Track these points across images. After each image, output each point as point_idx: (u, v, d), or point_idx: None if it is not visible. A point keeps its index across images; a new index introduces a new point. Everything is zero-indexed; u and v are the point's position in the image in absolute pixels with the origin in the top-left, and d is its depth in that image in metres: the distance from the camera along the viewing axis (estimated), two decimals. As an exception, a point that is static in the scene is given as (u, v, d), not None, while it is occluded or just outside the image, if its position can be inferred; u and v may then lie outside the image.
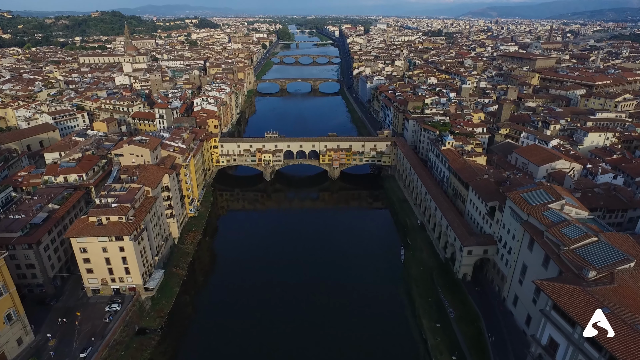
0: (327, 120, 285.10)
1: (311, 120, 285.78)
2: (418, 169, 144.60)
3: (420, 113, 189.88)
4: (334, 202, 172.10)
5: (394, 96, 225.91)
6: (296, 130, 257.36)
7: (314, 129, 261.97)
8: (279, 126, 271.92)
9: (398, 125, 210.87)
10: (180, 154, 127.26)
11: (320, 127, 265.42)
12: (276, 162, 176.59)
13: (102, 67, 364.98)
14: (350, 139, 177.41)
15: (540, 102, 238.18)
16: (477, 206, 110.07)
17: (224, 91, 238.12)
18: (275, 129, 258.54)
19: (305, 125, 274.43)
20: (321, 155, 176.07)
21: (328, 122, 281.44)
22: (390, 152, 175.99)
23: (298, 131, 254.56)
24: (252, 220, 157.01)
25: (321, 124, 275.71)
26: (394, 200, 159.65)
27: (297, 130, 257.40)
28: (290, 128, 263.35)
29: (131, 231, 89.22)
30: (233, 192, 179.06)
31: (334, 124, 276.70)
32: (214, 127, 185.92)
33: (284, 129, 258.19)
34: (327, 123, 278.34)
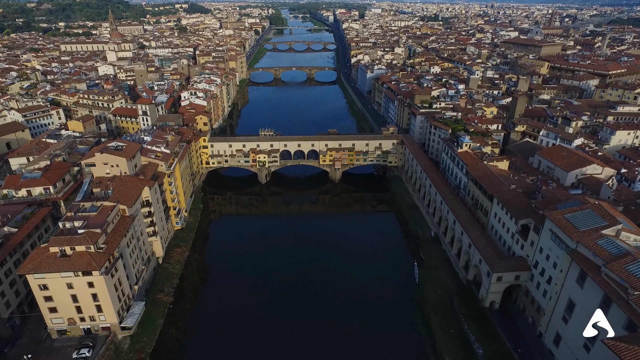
0: (324, 114, 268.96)
1: (308, 113, 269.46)
2: (431, 174, 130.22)
3: (428, 108, 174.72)
4: (336, 207, 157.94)
5: (397, 88, 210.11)
6: (292, 124, 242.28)
7: (311, 123, 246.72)
8: (274, 119, 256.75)
9: (403, 120, 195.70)
10: (163, 161, 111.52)
11: (318, 121, 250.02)
12: (272, 163, 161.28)
13: (84, 56, 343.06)
14: (353, 137, 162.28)
15: (553, 93, 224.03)
16: (504, 222, 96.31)
17: (214, 83, 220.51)
18: (269, 123, 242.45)
19: (302, 118, 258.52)
20: (321, 156, 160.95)
21: (326, 115, 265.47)
22: (397, 151, 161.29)
23: (294, 126, 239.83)
24: (246, 227, 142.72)
25: (319, 117, 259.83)
26: (402, 206, 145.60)
27: (293, 124, 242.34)
28: (286, 122, 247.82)
29: (102, 263, 74.34)
30: (225, 196, 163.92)
31: (332, 117, 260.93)
32: (203, 124, 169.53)
33: (279, 124, 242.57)
34: (325, 116, 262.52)
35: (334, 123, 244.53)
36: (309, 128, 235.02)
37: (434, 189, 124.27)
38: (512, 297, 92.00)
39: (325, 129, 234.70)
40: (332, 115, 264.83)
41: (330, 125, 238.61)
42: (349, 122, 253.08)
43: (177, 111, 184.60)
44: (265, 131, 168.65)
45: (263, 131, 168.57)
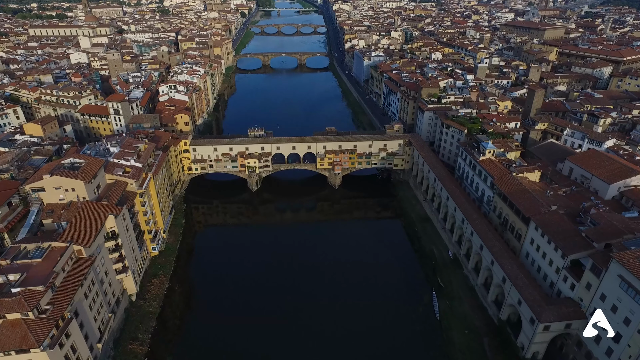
0: (318, 105, 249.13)
1: (300, 105, 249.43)
2: (448, 185, 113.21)
3: (437, 102, 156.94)
4: (335, 215, 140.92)
5: (399, 78, 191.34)
6: (283, 118, 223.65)
7: (305, 116, 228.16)
8: (263, 112, 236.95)
9: (407, 114, 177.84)
10: (133, 178, 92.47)
11: (311, 114, 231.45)
12: (263, 168, 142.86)
13: (55, 42, 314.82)
14: (354, 138, 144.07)
15: (565, 82, 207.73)
16: (545, 252, 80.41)
17: (196, 74, 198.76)
18: (259, 118, 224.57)
19: (294, 110, 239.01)
20: (319, 159, 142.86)
21: (320, 106, 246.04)
22: (404, 153, 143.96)
23: (286, 120, 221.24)
24: (235, 240, 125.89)
25: (312, 109, 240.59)
26: (413, 218, 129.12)
27: (284, 118, 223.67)
28: (277, 115, 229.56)
29: (44, 334, 56.45)
30: (211, 205, 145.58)
31: (326, 109, 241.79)
32: (184, 124, 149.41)
33: (270, 118, 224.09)
34: (319, 108, 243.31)
35: (328, 116, 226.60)
36: (303, 123, 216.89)
37: (453, 203, 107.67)
38: (556, 344, 76.87)
39: (320, 123, 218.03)
40: (327, 107, 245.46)
41: (325, 119, 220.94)
42: (345, 115, 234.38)
43: (155, 108, 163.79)
44: (255, 131, 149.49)
45: (252, 131, 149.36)
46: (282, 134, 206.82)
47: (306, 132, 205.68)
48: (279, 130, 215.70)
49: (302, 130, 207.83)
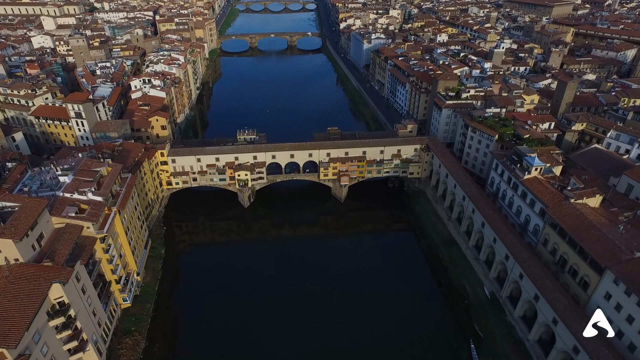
0: (313, 96, 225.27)
1: (293, 94, 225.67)
2: (483, 207, 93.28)
3: (456, 97, 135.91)
4: (340, 231, 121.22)
5: (407, 66, 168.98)
6: (275, 108, 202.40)
7: (298, 106, 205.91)
8: (252, 104, 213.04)
9: (417, 109, 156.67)
10: (91, 220, 70.70)
11: (305, 105, 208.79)
12: (256, 180, 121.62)
13: (14, 22, 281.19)
14: (363, 142, 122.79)
15: (588, 68, 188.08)
16: (631, 314, 62.22)
17: (176, 62, 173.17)
18: (248, 112, 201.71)
19: (286, 99, 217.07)
20: (322, 169, 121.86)
21: (315, 97, 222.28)
22: (421, 159, 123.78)
23: (277, 110, 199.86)
24: (224, 260, 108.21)
25: (306, 98, 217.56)
26: (435, 240, 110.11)
27: (275, 108, 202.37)
28: (267, 103, 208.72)
29: None
30: (196, 223, 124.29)
31: (322, 100, 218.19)
32: (160, 128, 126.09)
33: (260, 111, 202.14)
34: (314, 99, 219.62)
35: (325, 107, 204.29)
36: (296, 114, 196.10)
37: (491, 232, 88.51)
38: None
39: (315, 115, 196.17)
40: (322, 96, 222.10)
41: (321, 111, 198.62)
42: (344, 105, 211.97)
43: (127, 106, 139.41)
44: (245, 134, 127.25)
45: (242, 134, 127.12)
46: (273, 125, 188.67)
47: (300, 125, 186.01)
48: (268, 122, 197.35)
49: (296, 123, 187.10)
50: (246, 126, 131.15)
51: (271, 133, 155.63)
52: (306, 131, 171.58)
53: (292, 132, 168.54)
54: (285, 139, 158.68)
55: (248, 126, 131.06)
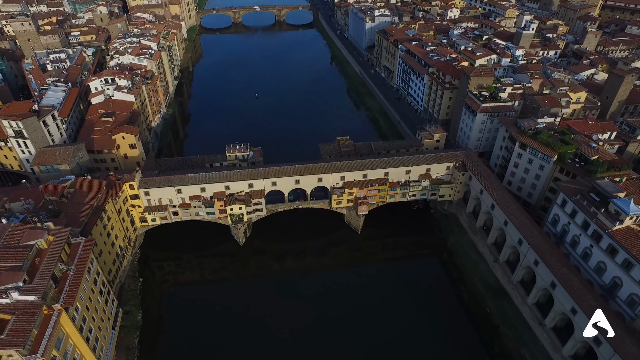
0: (307, 77, 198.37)
1: (284, 76, 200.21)
2: (553, 263, 71.70)
3: (491, 98, 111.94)
4: (355, 266, 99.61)
5: (424, 54, 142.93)
6: (265, 95, 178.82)
7: (290, 93, 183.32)
8: (238, 85, 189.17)
9: (439, 107, 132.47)
10: (15, 342, 46.70)
11: (299, 91, 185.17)
12: (254, 213, 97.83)
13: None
14: (385, 162, 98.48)
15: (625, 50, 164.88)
16: None
17: (147, 51, 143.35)
18: (232, 97, 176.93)
19: (276, 83, 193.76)
20: (335, 196, 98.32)
21: (309, 80, 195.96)
22: (455, 179, 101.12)
23: (268, 98, 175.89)
24: (216, 305, 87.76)
25: (299, 83, 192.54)
26: (479, 288, 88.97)
27: (266, 96, 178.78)
28: (257, 87, 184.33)
29: None
30: (180, 262, 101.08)
31: (318, 85, 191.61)
32: (128, 147, 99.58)
33: (247, 93, 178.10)
34: (308, 82, 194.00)
35: (321, 97, 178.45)
36: (290, 105, 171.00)
37: (568, 299, 67.43)
38: None
39: (311, 107, 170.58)
40: (318, 81, 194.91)
41: (317, 102, 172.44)
42: (343, 95, 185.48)
43: (86, 114, 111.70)
44: (236, 150, 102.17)
45: (232, 150, 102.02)
46: (263, 111, 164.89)
47: (295, 116, 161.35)
48: (257, 104, 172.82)
49: (289, 114, 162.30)
50: (234, 125, 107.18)
51: (266, 139, 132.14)
52: (307, 133, 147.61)
53: (291, 138, 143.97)
54: (283, 147, 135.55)
55: (235, 120, 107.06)
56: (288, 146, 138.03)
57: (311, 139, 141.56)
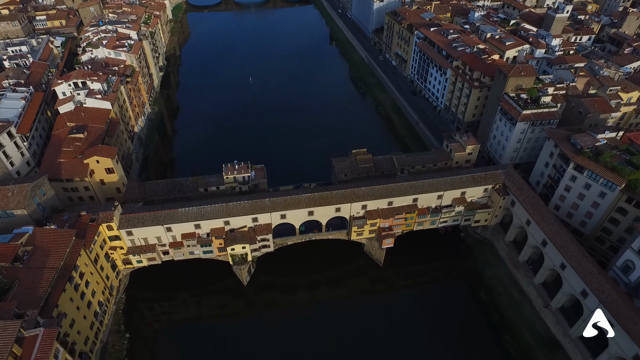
0: (308, 65, 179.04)
1: (281, 61, 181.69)
2: (632, 328, 58.52)
3: (532, 103, 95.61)
4: (375, 299, 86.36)
5: (446, 43, 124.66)
6: (260, 77, 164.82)
7: (290, 82, 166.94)
8: (230, 70, 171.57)
9: (465, 107, 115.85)
10: None
11: (299, 78, 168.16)
12: (259, 250, 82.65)
13: None
14: (414, 186, 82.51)
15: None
16: None
17: (125, 42, 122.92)
18: (225, 82, 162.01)
19: (271, 66, 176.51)
20: (354, 227, 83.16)
21: (311, 68, 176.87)
22: (493, 203, 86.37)
23: (263, 83, 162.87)
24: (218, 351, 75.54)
25: (300, 71, 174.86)
26: (526, 338, 75.60)
27: (261, 77, 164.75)
28: (251, 70, 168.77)
29: None
30: (174, 301, 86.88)
31: (322, 74, 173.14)
32: (105, 172, 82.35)
33: (241, 81, 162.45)
34: (310, 70, 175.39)
35: (324, 87, 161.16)
36: (287, 92, 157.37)
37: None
38: None
39: (313, 95, 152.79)
40: (321, 70, 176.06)
41: (320, 95, 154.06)
42: (348, 85, 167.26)
43: (52, 127, 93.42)
44: (235, 171, 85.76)
45: (230, 172, 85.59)
46: (258, 99, 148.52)
47: (295, 106, 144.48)
48: (252, 89, 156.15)
49: (289, 104, 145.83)
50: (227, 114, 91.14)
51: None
52: (310, 129, 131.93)
53: (293, 136, 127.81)
54: (289, 155, 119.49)
55: (228, 111, 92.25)
56: (291, 147, 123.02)
57: (315, 134, 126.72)
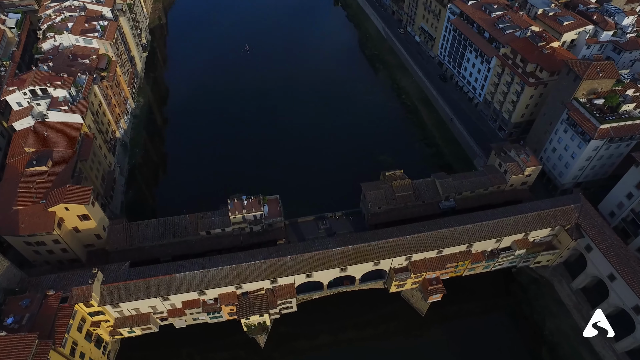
0: (312, 32, 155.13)
1: (281, 27, 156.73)
2: None
3: (610, 113, 77.11)
4: (412, 348, 73.41)
5: (490, 24, 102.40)
6: (257, 44, 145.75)
7: (291, 50, 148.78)
8: (223, 36, 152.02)
9: (513, 106, 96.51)
10: None
11: (302, 48, 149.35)
12: (279, 312, 67.32)
13: None
14: (472, 232, 65.36)
15: None
16: None
17: (97, 25, 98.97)
18: (218, 57, 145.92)
19: (269, 31, 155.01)
20: (395, 282, 67.53)
21: (316, 36, 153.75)
22: (562, 244, 70.72)
23: (261, 53, 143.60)
24: None
25: (303, 38, 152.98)
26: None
27: (258, 44, 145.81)
28: (246, 39, 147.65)
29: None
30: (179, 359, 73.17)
31: (329, 46, 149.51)
32: (78, 219, 64.19)
33: (236, 51, 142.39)
34: (314, 38, 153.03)
35: (334, 63, 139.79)
36: (288, 68, 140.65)
37: None
38: None
39: (319, 66, 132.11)
40: (328, 41, 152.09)
41: (325, 71, 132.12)
42: (363, 67, 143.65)
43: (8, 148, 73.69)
44: (244, 210, 68.53)
45: (238, 210, 68.51)
46: (257, 64, 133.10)
47: (298, 81, 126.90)
48: (249, 58, 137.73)
49: (290, 78, 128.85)
50: None
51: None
52: (318, 116, 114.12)
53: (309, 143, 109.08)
54: (300, 159, 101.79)
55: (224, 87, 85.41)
56: (302, 151, 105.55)
57: (329, 131, 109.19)
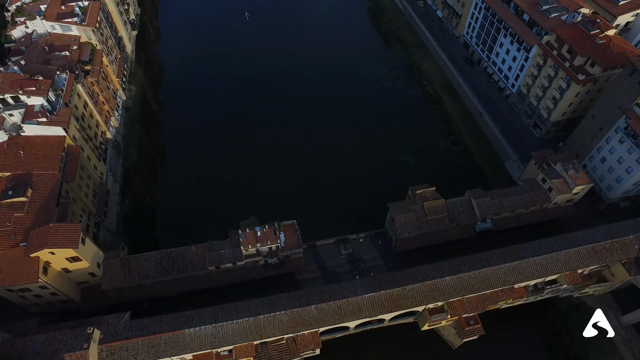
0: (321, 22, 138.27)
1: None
2: None
3: (677, 123, 66.66)
4: None
5: (532, 5, 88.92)
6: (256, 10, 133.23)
7: (291, 23, 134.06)
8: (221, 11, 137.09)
9: (553, 103, 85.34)
10: None
11: (303, 24, 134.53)
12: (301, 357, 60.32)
13: None
14: (518, 270, 56.95)
15: None
16: None
17: (75, 5, 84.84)
18: (215, 28, 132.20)
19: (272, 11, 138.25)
20: (429, 322, 60.15)
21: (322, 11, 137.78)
22: (616, 276, 62.85)
23: (260, 19, 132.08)
24: None
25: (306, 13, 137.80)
26: None
27: (257, 10, 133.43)
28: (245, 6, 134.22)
29: None
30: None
31: (337, 22, 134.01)
32: (66, 261, 55.22)
33: (236, 18, 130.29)
34: (320, 13, 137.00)
35: (344, 42, 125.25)
36: (290, 42, 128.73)
37: None
38: None
39: (324, 60, 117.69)
40: (335, 15, 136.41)
41: (329, 53, 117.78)
42: (377, 48, 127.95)
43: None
44: (256, 241, 59.93)
45: (250, 241, 60.07)
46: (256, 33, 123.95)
47: (301, 56, 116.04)
48: (248, 31, 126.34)
49: (291, 52, 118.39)
50: None
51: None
52: (335, 113, 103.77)
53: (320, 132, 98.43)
54: (312, 153, 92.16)
55: None
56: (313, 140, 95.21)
57: (341, 120, 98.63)
